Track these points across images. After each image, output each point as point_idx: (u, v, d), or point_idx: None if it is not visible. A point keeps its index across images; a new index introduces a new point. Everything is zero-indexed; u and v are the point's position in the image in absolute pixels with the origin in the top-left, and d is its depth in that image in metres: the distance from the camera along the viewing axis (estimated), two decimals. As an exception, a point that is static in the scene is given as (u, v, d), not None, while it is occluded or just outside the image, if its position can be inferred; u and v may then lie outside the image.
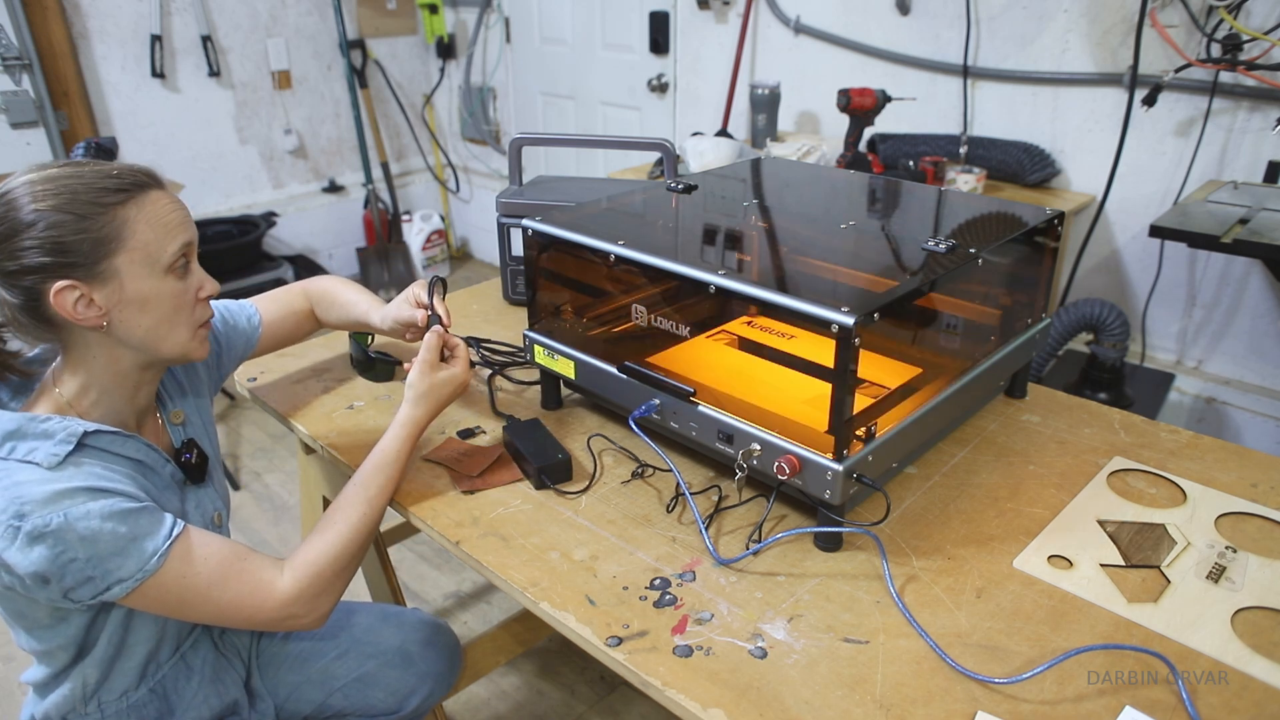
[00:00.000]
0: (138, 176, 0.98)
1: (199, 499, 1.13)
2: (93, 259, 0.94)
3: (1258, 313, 2.26)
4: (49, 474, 0.92)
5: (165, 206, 0.99)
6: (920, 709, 0.83)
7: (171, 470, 1.09)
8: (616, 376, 1.21)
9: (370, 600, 1.62)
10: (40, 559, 0.90)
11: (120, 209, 0.95)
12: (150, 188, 0.98)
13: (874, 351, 1.24)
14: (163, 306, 0.99)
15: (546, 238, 1.26)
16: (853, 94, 2.34)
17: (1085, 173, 2.41)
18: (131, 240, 0.95)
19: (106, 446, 0.99)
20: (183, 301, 1.01)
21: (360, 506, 1.08)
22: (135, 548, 0.93)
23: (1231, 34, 1.98)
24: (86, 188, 0.94)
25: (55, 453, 0.93)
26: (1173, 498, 1.15)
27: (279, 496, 2.69)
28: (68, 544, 0.90)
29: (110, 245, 0.94)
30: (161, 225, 0.97)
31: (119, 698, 1.09)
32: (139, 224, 0.96)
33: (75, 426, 0.96)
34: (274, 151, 3.97)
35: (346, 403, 1.40)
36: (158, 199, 0.98)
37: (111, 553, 0.92)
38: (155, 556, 0.94)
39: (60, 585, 0.92)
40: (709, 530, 1.09)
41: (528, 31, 3.86)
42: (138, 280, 0.97)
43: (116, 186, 0.95)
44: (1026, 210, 1.32)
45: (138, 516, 0.94)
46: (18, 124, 3.14)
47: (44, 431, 0.95)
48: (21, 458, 0.93)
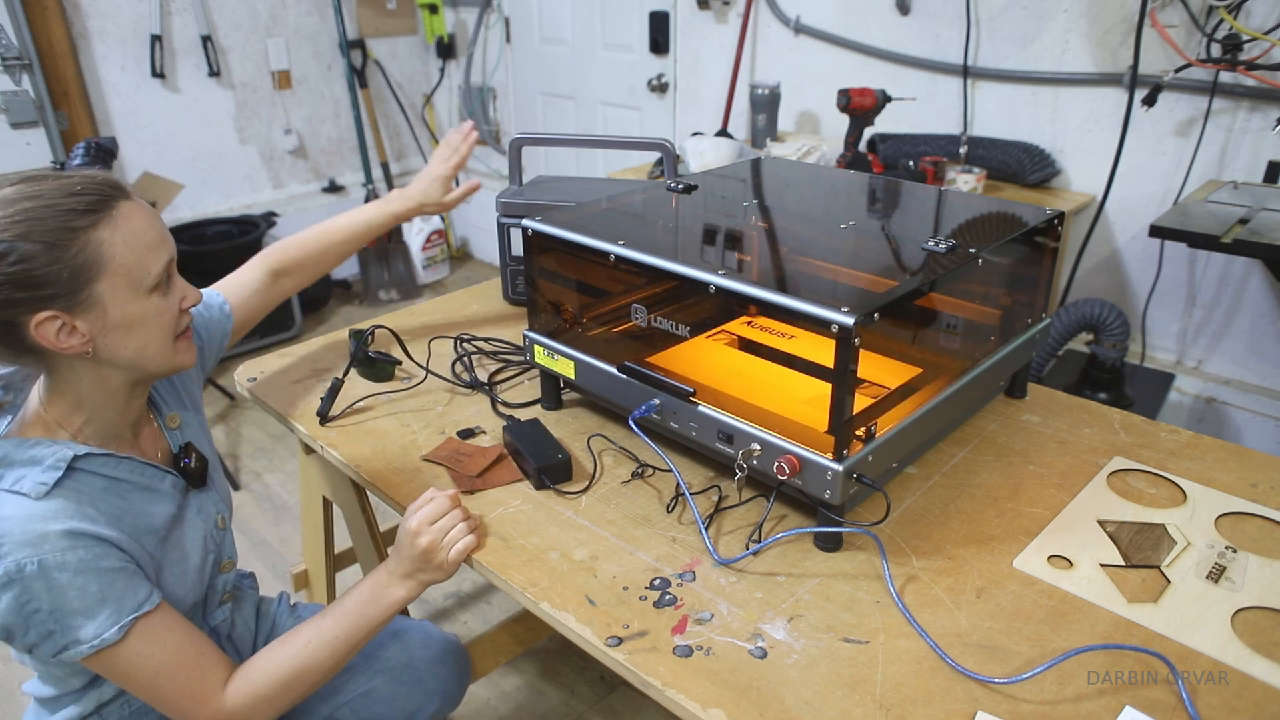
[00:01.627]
0: (103, 190, 0.91)
1: (201, 503, 1.11)
2: (72, 288, 0.88)
3: (1258, 313, 2.25)
4: (35, 506, 0.89)
5: (140, 223, 0.93)
6: (920, 709, 0.83)
7: (171, 480, 1.06)
8: (616, 376, 1.21)
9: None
10: (8, 608, 0.87)
11: (93, 232, 0.89)
12: (118, 201, 0.92)
13: (874, 351, 1.24)
14: (149, 327, 0.95)
15: (546, 238, 1.26)
16: (853, 94, 2.34)
17: (1085, 173, 2.41)
18: (111, 265, 0.90)
19: (98, 470, 0.96)
20: (168, 318, 0.97)
21: (328, 655, 1.03)
22: (101, 610, 0.90)
23: (1231, 34, 1.98)
24: (51, 211, 0.87)
25: (43, 481, 0.90)
26: (1173, 498, 1.15)
27: (279, 496, 2.69)
28: (34, 593, 0.87)
29: (89, 272, 0.89)
30: (141, 245, 0.92)
31: (120, 705, 1.08)
32: (116, 246, 0.90)
33: (64, 452, 0.93)
34: (274, 151, 3.97)
35: (347, 402, 1.40)
36: (131, 215, 0.92)
37: (77, 610, 0.89)
38: (117, 627, 0.91)
39: (24, 640, 0.90)
40: (709, 530, 1.09)
41: (528, 31, 3.86)
42: (121, 305, 0.92)
43: (85, 207, 0.89)
44: (1026, 210, 1.32)
45: (114, 578, 0.92)
46: (18, 124, 3.14)
47: (31, 458, 0.91)
48: (8, 487, 0.89)
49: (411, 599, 1.06)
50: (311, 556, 1.81)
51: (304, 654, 1.02)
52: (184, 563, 1.07)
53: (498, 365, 1.52)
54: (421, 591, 1.06)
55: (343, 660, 1.04)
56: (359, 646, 1.05)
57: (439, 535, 1.02)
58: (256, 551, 2.43)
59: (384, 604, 1.04)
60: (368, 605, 1.04)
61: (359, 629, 1.04)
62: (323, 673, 1.03)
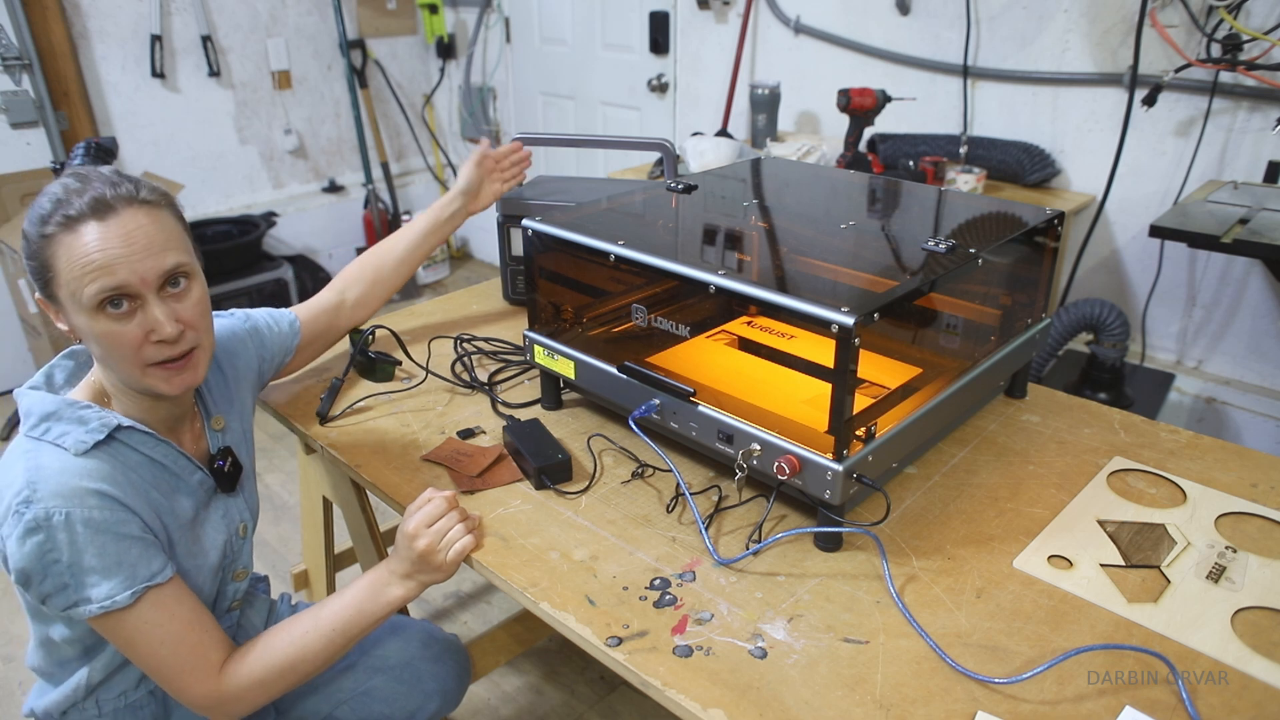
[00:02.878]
0: (80, 206, 0.91)
1: (226, 508, 1.13)
2: (41, 284, 0.95)
3: (1258, 313, 2.25)
4: (73, 462, 0.94)
5: (88, 246, 0.90)
6: (920, 709, 0.83)
7: (200, 478, 1.09)
8: (616, 376, 1.21)
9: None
10: (30, 553, 0.91)
11: (50, 241, 0.92)
12: (84, 221, 0.91)
13: (874, 351, 1.24)
14: (99, 343, 0.95)
15: (546, 238, 1.26)
16: (853, 94, 2.34)
17: (1085, 173, 2.41)
18: (58, 276, 0.92)
19: (137, 445, 1.01)
20: (120, 342, 0.94)
21: (324, 646, 1.04)
22: (117, 573, 0.94)
23: (1231, 34, 1.98)
24: (39, 212, 0.92)
25: (84, 440, 0.95)
26: (1173, 498, 1.15)
27: (279, 496, 2.69)
28: (57, 543, 0.91)
29: (47, 275, 0.93)
30: (78, 267, 0.91)
31: (117, 696, 1.09)
32: (60, 260, 0.91)
33: (110, 419, 0.98)
34: (274, 151, 3.97)
35: (347, 402, 1.40)
36: (86, 235, 0.90)
37: (93, 568, 0.92)
38: (129, 592, 0.94)
39: (39, 589, 0.93)
40: (709, 530, 1.09)
41: (528, 31, 3.86)
42: (72, 313, 0.94)
43: (58, 215, 0.91)
44: (1026, 210, 1.32)
45: (131, 545, 0.95)
46: (18, 124, 3.14)
47: (80, 418, 0.97)
48: (53, 440, 0.95)
49: (410, 599, 1.06)
50: (311, 556, 1.81)
51: (300, 643, 1.03)
52: (202, 559, 1.09)
53: (498, 365, 1.52)
54: (421, 591, 1.06)
55: (338, 653, 1.05)
56: (355, 641, 1.06)
57: (437, 537, 1.03)
58: (257, 551, 2.42)
59: (382, 601, 1.05)
60: (366, 601, 1.05)
61: (355, 624, 1.05)
62: (317, 664, 1.05)
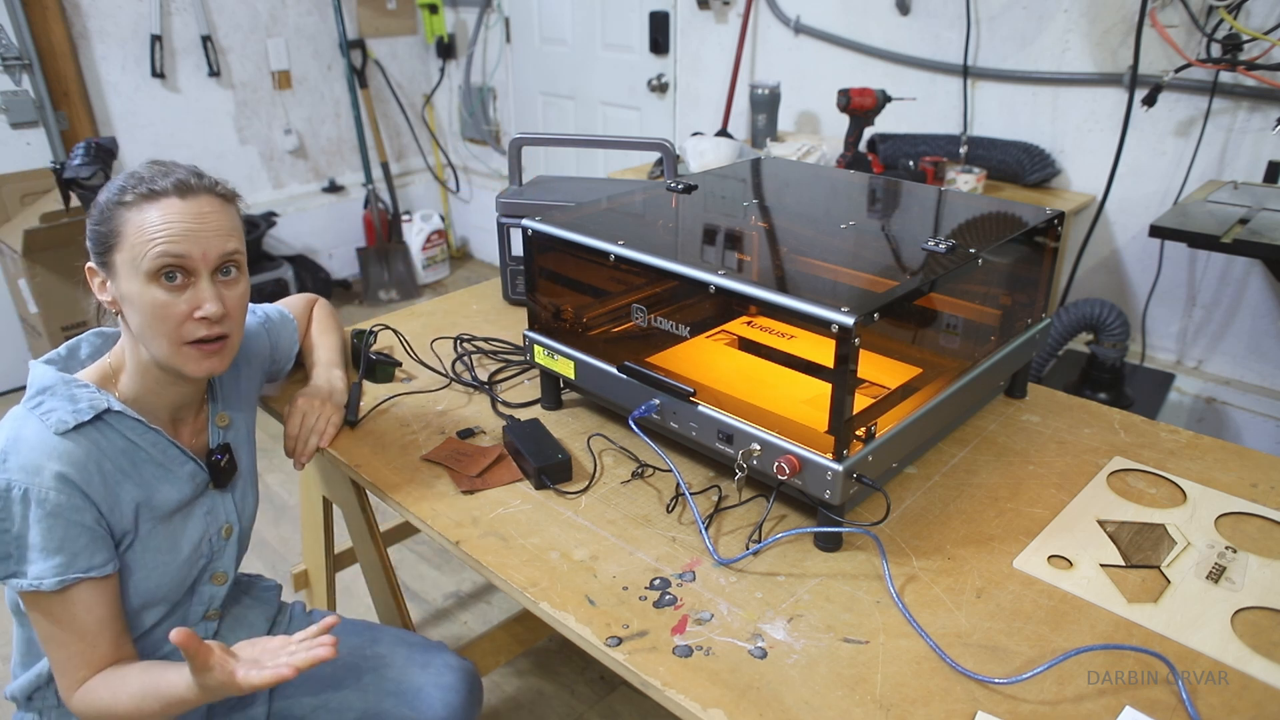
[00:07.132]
0: (164, 184, 1.00)
1: (213, 505, 1.14)
2: (101, 249, 1.02)
3: (1258, 313, 2.25)
4: (49, 439, 0.97)
5: (161, 216, 0.99)
6: (920, 709, 0.83)
7: (192, 470, 1.10)
8: (616, 376, 1.21)
9: (372, 598, 1.61)
10: None
11: (125, 210, 1.00)
12: (166, 195, 1.00)
13: (874, 351, 1.24)
14: (145, 311, 1.00)
15: (546, 238, 1.26)
16: (853, 94, 2.34)
17: (1085, 173, 2.41)
18: (124, 242, 1.00)
19: (125, 431, 1.03)
20: (166, 313, 1.00)
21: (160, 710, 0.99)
22: (56, 556, 0.96)
23: (1231, 34, 1.98)
24: (120, 184, 1.01)
25: (66, 420, 0.98)
26: (1173, 498, 1.15)
27: (279, 496, 2.69)
28: (11, 514, 0.94)
29: (111, 240, 1.01)
30: (148, 232, 0.99)
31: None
32: (130, 227, 0.99)
33: (100, 401, 1.01)
34: (274, 151, 3.97)
35: (346, 403, 1.40)
36: (163, 208, 1.00)
37: (35, 545, 0.95)
38: (58, 580, 0.96)
39: None
40: (709, 530, 1.09)
41: (528, 31, 3.86)
42: (126, 280, 1.01)
43: (138, 189, 1.00)
44: (1026, 210, 1.32)
45: (80, 534, 0.97)
46: (18, 124, 3.14)
47: (71, 396, 1.00)
48: (40, 413, 0.99)
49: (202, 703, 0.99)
50: (311, 557, 1.81)
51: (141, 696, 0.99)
52: (171, 553, 1.08)
53: (498, 365, 1.52)
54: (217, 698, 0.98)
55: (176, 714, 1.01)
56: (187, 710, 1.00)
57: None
58: (256, 551, 2.43)
59: (190, 702, 0.97)
60: (188, 693, 0.96)
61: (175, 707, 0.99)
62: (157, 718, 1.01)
